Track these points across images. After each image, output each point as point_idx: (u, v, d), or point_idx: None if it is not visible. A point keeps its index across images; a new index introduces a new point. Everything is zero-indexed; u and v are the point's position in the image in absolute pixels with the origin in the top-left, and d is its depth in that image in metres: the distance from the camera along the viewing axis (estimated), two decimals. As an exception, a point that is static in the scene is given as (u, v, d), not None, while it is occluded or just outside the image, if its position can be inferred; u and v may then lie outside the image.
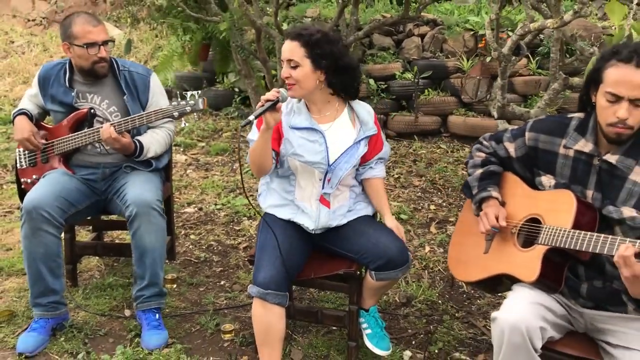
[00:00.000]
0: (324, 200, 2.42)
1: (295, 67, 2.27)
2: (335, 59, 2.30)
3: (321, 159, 2.35)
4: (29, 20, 9.20)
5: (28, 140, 2.80)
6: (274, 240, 2.34)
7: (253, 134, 2.39)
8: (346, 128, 2.43)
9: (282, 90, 2.21)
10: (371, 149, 2.47)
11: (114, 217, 3.28)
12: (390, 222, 2.49)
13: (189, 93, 2.63)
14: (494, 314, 1.91)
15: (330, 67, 2.30)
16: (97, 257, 3.48)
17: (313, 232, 2.46)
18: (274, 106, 2.17)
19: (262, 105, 2.16)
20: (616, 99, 1.80)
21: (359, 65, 2.51)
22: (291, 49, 2.28)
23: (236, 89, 6.63)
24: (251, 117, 2.14)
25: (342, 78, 2.36)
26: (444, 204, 4.38)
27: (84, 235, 3.76)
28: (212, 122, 6.41)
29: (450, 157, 5.40)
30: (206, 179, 4.90)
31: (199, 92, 2.63)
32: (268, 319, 2.27)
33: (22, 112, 2.87)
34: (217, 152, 5.55)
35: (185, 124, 2.69)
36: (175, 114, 2.65)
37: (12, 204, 4.35)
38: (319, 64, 2.28)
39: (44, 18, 9.19)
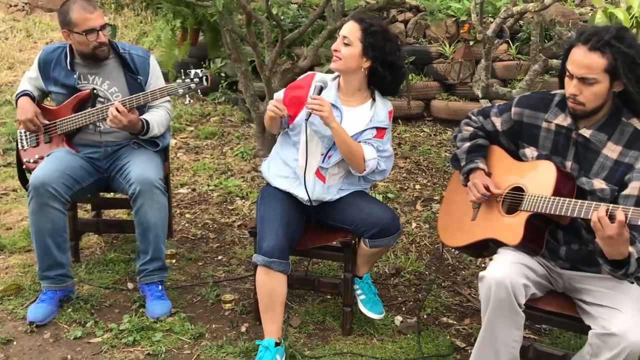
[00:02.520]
0: (319, 174, 2.57)
1: (347, 45, 2.45)
2: (385, 54, 2.47)
3: (330, 134, 2.50)
4: (11, 6, 9.15)
5: (31, 120, 2.89)
6: (274, 211, 2.49)
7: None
8: (363, 117, 2.56)
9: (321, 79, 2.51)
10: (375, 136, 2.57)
11: (109, 195, 3.39)
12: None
13: (192, 71, 2.75)
14: (481, 273, 2.08)
15: (377, 59, 2.47)
16: (96, 235, 3.60)
17: (308, 204, 2.61)
18: (320, 91, 2.44)
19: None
20: (570, 76, 1.98)
21: (406, 69, 2.65)
22: (351, 29, 2.47)
23: (222, 74, 6.71)
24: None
25: (385, 74, 2.51)
26: (429, 184, 4.56)
27: (82, 215, 3.85)
28: (200, 106, 6.49)
29: (433, 140, 5.57)
30: (197, 162, 5.00)
31: (202, 69, 2.75)
32: (272, 285, 2.42)
33: (25, 93, 2.95)
34: (206, 136, 5.65)
35: (189, 100, 2.82)
36: (180, 90, 2.76)
37: (7, 187, 4.41)
38: (367, 52, 2.46)
39: (26, 3, 9.14)
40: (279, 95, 2.65)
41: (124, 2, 7.84)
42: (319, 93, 2.42)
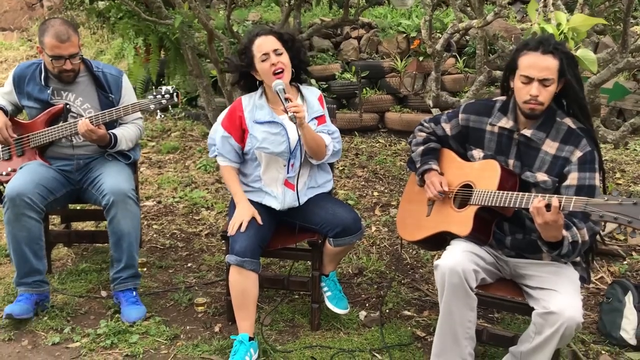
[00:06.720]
0: (288, 183, 2.75)
1: (280, 55, 2.64)
2: (300, 52, 2.74)
3: (284, 148, 2.69)
4: (-39, 25, 9.05)
5: (0, 132, 2.98)
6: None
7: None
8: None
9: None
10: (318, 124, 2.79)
11: (77, 206, 3.47)
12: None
13: (163, 88, 2.90)
14: (436, 262, 2.31)
15: (295, 58, 2.72)
16: (66, 247, 3.67)
17: (278, 209, 2.78)
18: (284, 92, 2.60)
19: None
20: (528, 80, 2.24)
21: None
22: (273, 41, 2.65)
23: (181, 91, 6.83)
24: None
25: (301, 67, 2.78)
26: (386, 191, 4.80)
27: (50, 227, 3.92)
28: (160, 122, 6.59)
29: (388, 150, 5.83)
30: (161, 175, 5.11)
31: (173, 86, 2.91)
32: (244, 284, 2.58)
33: None
34: (168, 151, 5.76)
35: (160, 115, 2.96)
36: (152, 106, 2.91)
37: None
38: (291, 57, 2.69)
39: (-23, 23, 9.06)
40: (223, 131, 2.76)
41: (79, 21, 7.88)
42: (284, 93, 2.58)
